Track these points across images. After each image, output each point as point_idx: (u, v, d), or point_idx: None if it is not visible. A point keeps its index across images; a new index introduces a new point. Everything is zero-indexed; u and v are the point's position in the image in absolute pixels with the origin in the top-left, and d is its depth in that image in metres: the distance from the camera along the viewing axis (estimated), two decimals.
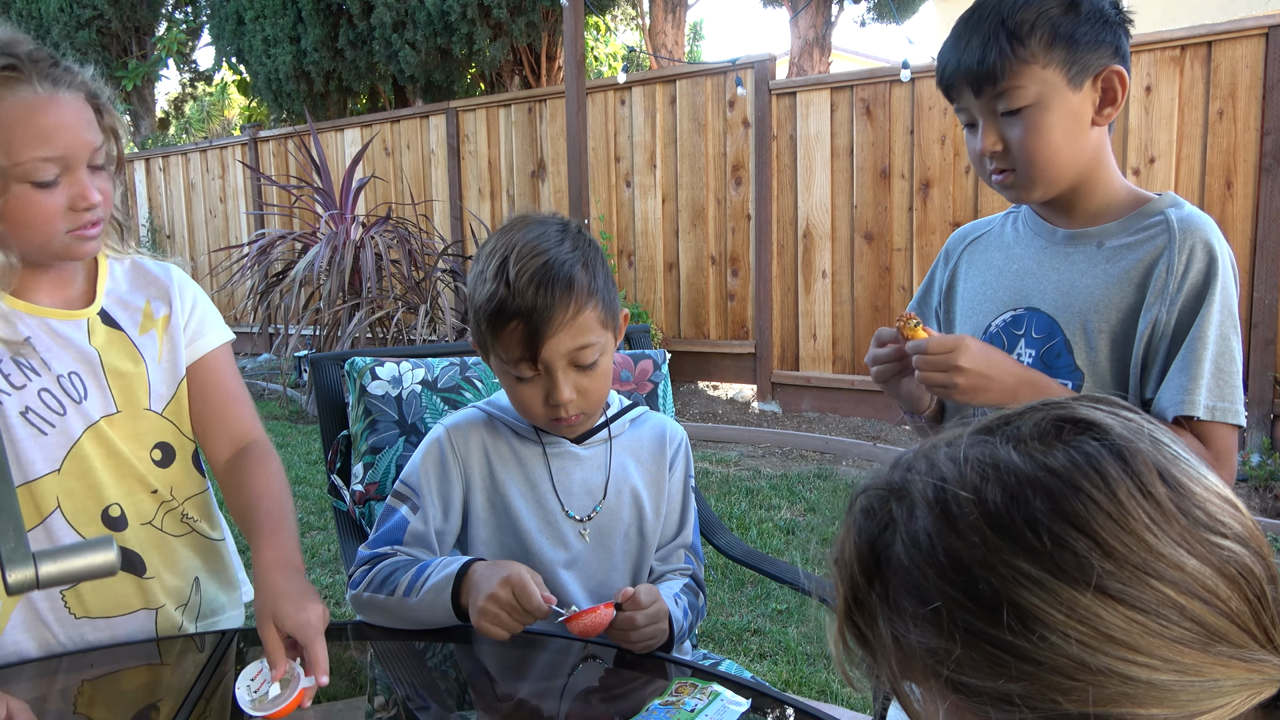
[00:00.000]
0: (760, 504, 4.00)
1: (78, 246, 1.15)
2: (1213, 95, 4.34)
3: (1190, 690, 0.48)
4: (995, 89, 1.17)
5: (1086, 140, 1.20)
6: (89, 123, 1.12)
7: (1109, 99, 1.19)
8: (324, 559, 3.50)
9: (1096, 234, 1.24)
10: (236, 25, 9.20)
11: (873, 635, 0.55)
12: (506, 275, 1.16)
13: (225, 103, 15.89)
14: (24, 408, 1.14)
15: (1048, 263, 1.27)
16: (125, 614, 1.23)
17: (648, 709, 1.00)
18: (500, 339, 1.18)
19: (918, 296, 1.49)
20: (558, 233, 1.21)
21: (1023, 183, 1.22)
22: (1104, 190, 1.24)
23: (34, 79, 1.07)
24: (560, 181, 6.53)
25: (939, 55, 1.24)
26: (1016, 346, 1.28)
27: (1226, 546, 0.50)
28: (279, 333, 6.07)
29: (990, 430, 0.56)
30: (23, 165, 1.06)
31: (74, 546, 0.65)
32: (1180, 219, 1.19)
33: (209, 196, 9.00)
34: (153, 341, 1.26)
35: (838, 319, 5.52)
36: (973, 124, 1.23)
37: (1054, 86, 1.16)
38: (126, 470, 1.21)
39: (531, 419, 1.26)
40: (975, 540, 0.51)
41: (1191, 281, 1.16)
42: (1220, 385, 1.16)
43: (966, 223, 1.59)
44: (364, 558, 1.26)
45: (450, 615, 1.16)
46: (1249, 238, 4.30)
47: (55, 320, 1.19)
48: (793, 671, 2.57)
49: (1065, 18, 1.16)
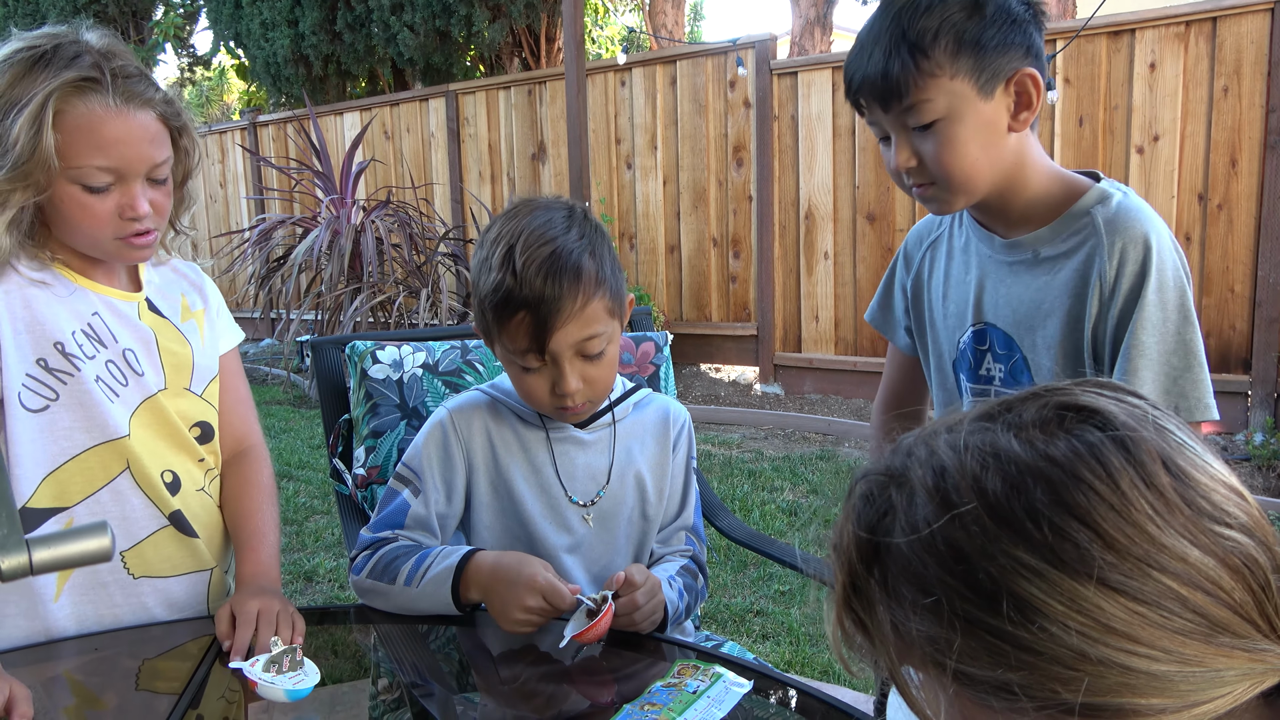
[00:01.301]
0: (762, 486, 4.01)
1: (129, 252, 1.22)
2: (1218, 72, 4.30)
3: (1191, 680, 0.48)
4: (902, 104, 1.10)
5: (1004, 148, 1.13)
6: (154, 140, 1.18)
7: (1024, 103, 1.11)
8: (328, 543, 3.51)
9: (1030, 243, 1.18)
10: (234, 9, 9.14)
11: (871, 622, 0.55)
12: (513, 264, 1.14)
13: (224, 87, 15.82)
14: (96, 375, 1.21)
15: (995, 274, 1.22)
16: (180, 574, 1.29)
17: (650, 691, 1.01)
18: (506, 329, 1.17)
19: (878, 299, 1.44)
20: (564, 219, 1.19)
21: (942, 196, 1.16)
22: (1031, 191, 1.17)
23: (109, 93, 1.13)
24: (561, 164, 6.51)
25: (845, 67, 1.18)
26: (985, 363, 1.24)
27: (1231, 537, 0.49)
28: (280, 318, 6.07)
29: (991, 417, 0.55)
30: (78, 169, 1.13)
31: (68, 533, 0.65)
32: (1106, 219, 1.12)
33: (209, 181, 8.98)
34: (195, 329, 1.35)
35: (840, 300, 5.50)
36: (886, 137, 1.17)
37: (963, 97, 1.08)
38: (178, 440, 1.30)
39: (537, 407, 1.26)
40: (975, 530, 0.50)
41: (1125, 287, 1.10)
42: (1178, 385, 1.09)
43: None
44: (365, 541, 1.26)
45: (450, 607, 1.17)
46: (1254, 216, 4.28)
47: (115, 299, 1.26)
48: (795, 652, 2.58)
49: (970, 22, 1.07)
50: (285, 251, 6.21)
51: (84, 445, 1.20)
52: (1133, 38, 4.50)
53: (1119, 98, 4.56)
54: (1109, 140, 4.61)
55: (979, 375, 1.26)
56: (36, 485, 1.18)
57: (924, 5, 1.08)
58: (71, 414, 1.19)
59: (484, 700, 1.10)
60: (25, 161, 1.09)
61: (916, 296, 1.37)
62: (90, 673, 1.17)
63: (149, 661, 1.18)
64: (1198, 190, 4.40)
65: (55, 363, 1.18)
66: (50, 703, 1.07)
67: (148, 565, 1.26)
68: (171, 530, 1.27)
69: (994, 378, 1.23)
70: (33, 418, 1.17)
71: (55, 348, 1.18)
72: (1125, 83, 4.54)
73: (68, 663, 1.17)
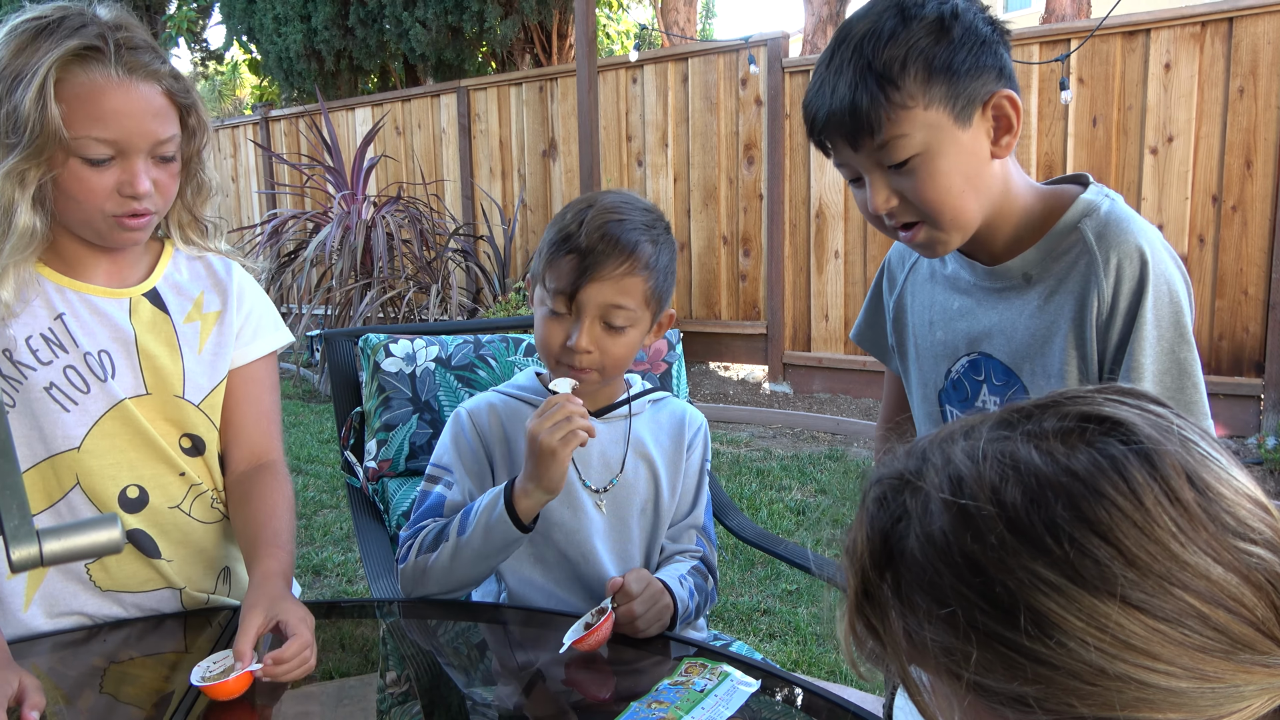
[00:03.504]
0: (771, 485, 4.00)
1: (117, 233, 1.16)
2: (1233, 73, 4.27)
3: (1210, 696, 0.47)
4: (874, 141, 1.01)
5: (990, 177, 1.06)
6: (157, 115, 1.13)
7: (1004, 127, 1.04)
8: (336, 537, 3.52)
9: (1019, 267, 1.11)
10: (247, 3, 9.17)
11: (883, 628, 0.54)
12: (584, 218, 1.23)
13: (236, 82, 15.87)
14: (49, 383, 1.16)
15: (986, 303, 1.16)
16: (148, 590, 1.24)
17: (657, 689, 1.00)
18: (553, 265, 1.23)
19: (864, 317, 1.38)
20: (644, 211, 1.28)
21: (936, 236, 1.07)
22: (1016, 213, 1.11)
23: (111, 62, 1.09)
24: (572, 160, 6.51)
25: (804, 103, 1.08)
26: (980, 394, 1.18)
27: (1255, 553, 0.48)
28: (291, 312, 6.08)
29: (1010, 424, 0.54)
30: (77, 140, 1.08)
31: (79, 524, 0.65)
32: (1096, 233, 1.05)
33: (221, 175, 8.97)
34: (195, 332, 1.26)
35: (850, 300, 5.49)
36: (857, 178, 1.08)
37: (940, 128, 1.00)
38: (153, 452, 1.22)
39: (548, 356, 1.27)
40: (993, 542, 0.49)
41: (1124, 306, 1.04)
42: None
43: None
44: (406, 536, 1.27)
45: (508, 525, 1.17)
46: (1268, 218, 4.25)
47: (97, 297, 1.20)
48: (803, 652, 2.57)
49: (938, 47, 0.99)
50: (296, 246, 6.23)
51: (40, 456, 1.16)
52: (1148, 38, 4.47)
53: (1133, 98, 4.53)
54: (1123, 141, 4.58)
55: (974, 407, 1.20)
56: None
57: (886, 32, 1.00)
58: (25, 423, 1.15)
59: (492, 695, 1.10)
60: (38, 136, 1.06)
61: (899, 319, 1.31)
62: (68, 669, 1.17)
63: (127, 663, 1.19)
64: (1212, 192, 4.37)
65: (6, 369, 1.14)
66: (58, 694, 1.07)
67: (113, 580, 1.22)
68: (131, 549, 1.21)
69: (986, 409, 1.17)
70: None
71: (3, 355, 1.14)
72: (1140, 83, 4.51)
73: (46, 660, 1.17)
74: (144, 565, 1.23)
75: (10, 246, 1.10)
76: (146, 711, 1.05)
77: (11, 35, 1.09)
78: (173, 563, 1.24)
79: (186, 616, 1.25)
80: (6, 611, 1.18)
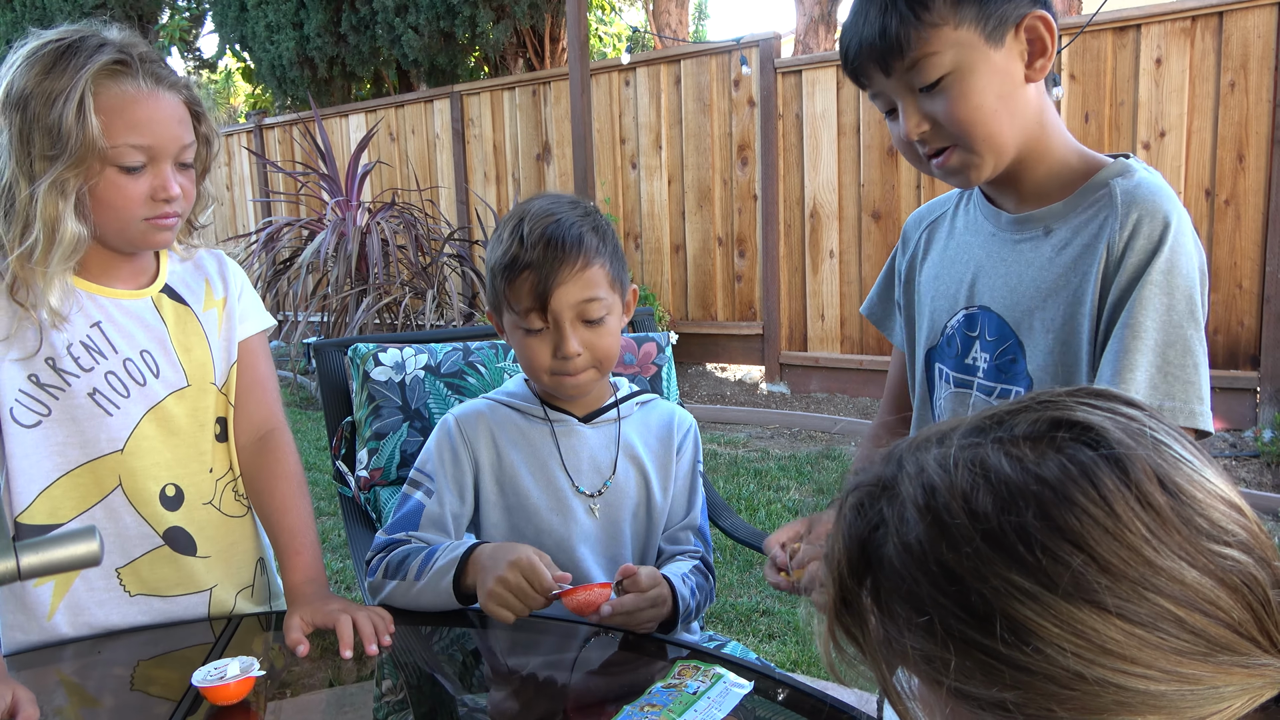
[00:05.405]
0: (769, 485, 4.00)
1: (153, 235, 1.22)
2: (1224, 67, 4.28)
3: (1189, 698, 0.47)
4: (905, 62, 1.01)
5: (1024, 100, 1.04)
6: (181, 121, 1.21)
7: (1038, 49, 1.03)
8: (334, 544, 3.52)
9: (1043, 217, 1.09)
10: (239, 12, 9.17)
11: (863, 636, 0.55)
12: (521, 233, 1.23)
13: (230, 90, 15.87)
14: (91, 389, 1.21)
15: (996, 253, 1.13)
16: (176, 594, 1.27)
17: (650, 691, 1.00)
18: (513, 290, 1.23)
19: (878, 290, 1.36)
20: (570, 204, 1.28)
21: (968, 160, 1.05)
22: (1053, 157, 1.08)
23: (139, 75, 1.16)
24: (566, 164, 6.51)
25: (840, 37, 1.09)
26: (972, 350, 1.16)
27: (1229, 555, 0.48)
28: (287, 320, 6.08)
29: (982, 430, 0.54)
30: (114, 149, 1.14)
31: (56, 537, 0.65)
32: (1125, 189, 1.02)
33: (215, 184, 8.98)
34: (214, 319, 1.34)
35: (846, 299, 5.49)
36: (892, 109, 1.07)
37: (972, 47, 1.00)
38: (188, 450, 1.28)
39: (538, 375, 1.27)
40: (967, 551, 0.49)
41: (1132, 261, 1.00)
42: (1168, 381, 0.98)
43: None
44: (380, 544, 1.28)
45: (451, 599, 1.18)
46: (1261, 211, 4.26)
47: (126, 300, 1.26)
48: (801, 651, 2.57)
49: None
50: (292, 254, 6.22)
51: (77, 461, 1.20)
52: (1138, 33, 4.48)
53: (1125, 93, 4.54)
54: (1115, 136, 4.58)
55: (964, 364, 1.17)
56: (32, 499, 1.18)
57: None
58: (64, 429, 1.19)
59: (487, 700, 1.10)
60: (79, 147, 1.12)
61: (909, 280, 1.29)
62: (88, 676, 1.17)
63: (145, 664, 1.19)
64: (1205, 186, 4.38)
65: (47, 378, 1.19)
66: (52, 706, 1.07)
67: (144, 583, 1.25)
68: (167, 550, 1.26)
69: (978, 368, 1.15)
70: (27, 433, 1.17)
71: (47, 363, 1.18)
72: (1131, 78, 4.52)
73: (68, 665, 1.17)
74: (176, 568, 1.27)
75: (60, 254, 1.15)
76: (147, 715, 1.05)
77: (34, 59, 1.14)
78: (209, 559, 1.29)
79: (196, 624, 1.26)
80: (33, 618, 1.21)
